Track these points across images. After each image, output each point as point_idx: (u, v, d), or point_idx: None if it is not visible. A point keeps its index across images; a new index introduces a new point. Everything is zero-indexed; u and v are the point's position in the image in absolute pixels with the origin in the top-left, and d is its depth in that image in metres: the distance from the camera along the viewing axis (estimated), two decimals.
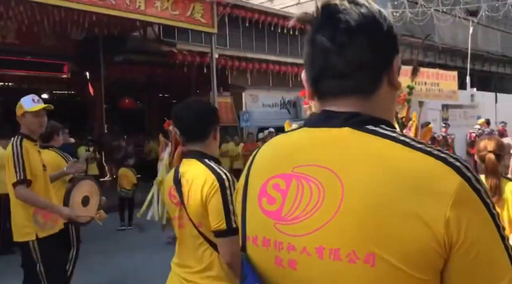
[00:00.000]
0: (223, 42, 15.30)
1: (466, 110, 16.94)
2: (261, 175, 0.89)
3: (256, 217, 0.86)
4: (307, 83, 0.92)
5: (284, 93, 16.77)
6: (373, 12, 0.86)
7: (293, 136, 0.92)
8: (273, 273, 0.81)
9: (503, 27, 26.29)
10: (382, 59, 0.88)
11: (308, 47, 0.91)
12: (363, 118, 0.84)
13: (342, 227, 0.74)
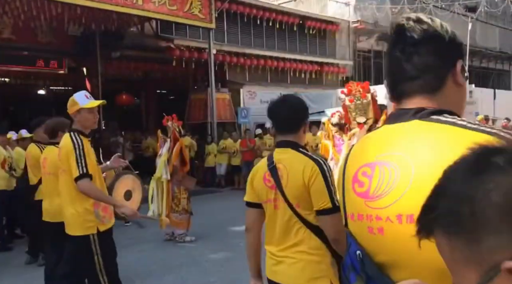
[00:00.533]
0: (221, 37, 15.22)
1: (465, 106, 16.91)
2: (353, 166, 1.12)
3: (351, 199, 1.10)
4: (387, 89, 1.14)
5: (283, 89, 16.66)
6: (434, 27, 1.08)
7: (376, 133, 1.16)
8: (368, 239, 1.04)
9: (501, 23, 26.27)
10: (445, 62, 1.07)
11: (386, 60, 1.14)
12: (428, 110, 1.03)
13: (414, 197, 0.92)
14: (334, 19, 18.62)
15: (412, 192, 0.94)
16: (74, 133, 3.41)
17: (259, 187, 2.27)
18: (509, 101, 20.03)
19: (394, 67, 1.10)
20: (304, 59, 17.48)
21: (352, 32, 19.24)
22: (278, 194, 2.17)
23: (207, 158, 12.14)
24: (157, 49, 13.94)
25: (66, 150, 3.34)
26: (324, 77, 18.42)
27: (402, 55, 1.07)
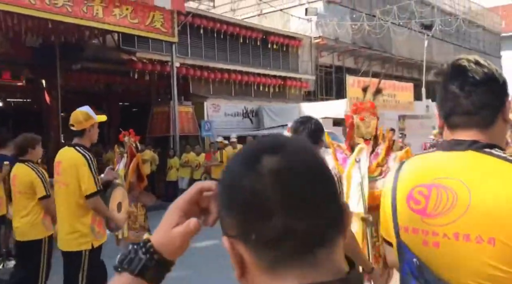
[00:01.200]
0: (185, 51, 15.24)
1: (422, 121, 17.51)
2: (406, 184, 1.25)
3: (406, 213, 1.23)
4: (440, 117, 1.29)
5: (247, 102, 16.83)
6: (492, 70, 1.23)
7: (430, 157, 1.30)
8: (421, 250, 1.18)
9: (456, 40, 27.48)
10: (498, 101, 1.23)
11: (441, 92, 1.27)
12: (482, 144, 1.18)
13: (471, 220, 1.10)
14: (296, 35, 18.99)
15: (469, 215, 1.11)
16: (81, 148, 3.39)
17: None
18: None
19: (451, 100, 1.23)
20: (268, 73, 17.70)
21: (314, 48, 19.66)
22: None
23: (169, 172, 12.02)
24: (119, 61, 13.80)
25: (75, 164, 3.31)
26: (287, 91, 18.69)
27: (460, 91, 1.21)
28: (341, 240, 0.67)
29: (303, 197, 0.62)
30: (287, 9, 19.93)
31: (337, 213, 0.66)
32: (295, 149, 0.66)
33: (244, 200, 0.63)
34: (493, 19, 32.70)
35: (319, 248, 0.63)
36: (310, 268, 0.62)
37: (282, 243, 0.61)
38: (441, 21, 22.19)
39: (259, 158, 0.63)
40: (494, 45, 33.15)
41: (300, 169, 0.63)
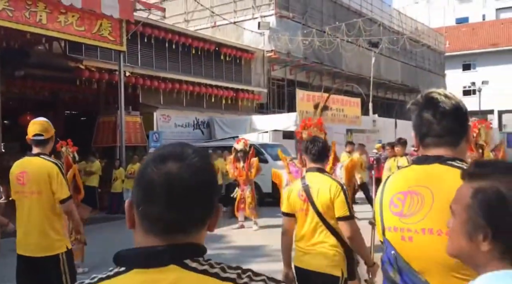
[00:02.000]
0: (135, 60, 15.05)
1: (368, 135, 18.08)
2: (389, 193, 1.58)
3: (389, 216, 1.55)
4: (416, 139, 1.59)
5: (198, 113, 16.79)
6: (458, 102, 1.54)
7: (406, 170, 1.62)
8: (400, 244, 1.50)
9: (403, 58, 28.69)
10: (463, 127, 1.55)
11: (416, 118, 1.58)
12: (445, 157, 1.50)
13: (433, 216, 1.41)
14: (249, 48, 19.21)
15: (432, 213, 1.43)
16: (46, 157, 3.52)
17: (294, 201, 3.08)
18: (408, 130, 21.70)
19: (425, 125, 1.54)
20: (220, 85, 17.76)
21: (267, 61, 19.95)
22: (309, 205, 2.98)
23: (114, 184, 11.75)
24: (65, 69, 13.44)
25: (48, 173, 3.42)
26: (240, 103, 18.81)
27: (433, 118, 1.52)
28: (200, 231, 0.96)
29: (170, 196, 0.90)
30: (240, 22, 20.15)
31: (199, 213, 0.94)
32: (191, 161, 0.93)
33: (144, 183, 0.93)
34: (437, 39, 34.41)
35: (175, 232, 0.92)
36: (166, 241, 0.91)
37: (144, 221, 0.93)
38: (387, 39, 23.11)
39: (164, 160, 0.92)
40: (439, 64, 34.85)
41: (183, 177, 0.91)
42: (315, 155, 3.14)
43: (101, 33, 10.79)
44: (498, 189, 0.94)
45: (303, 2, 21.20)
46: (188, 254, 0.92)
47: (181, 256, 0.91)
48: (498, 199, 0.93)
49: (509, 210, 0.91)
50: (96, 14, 10.40)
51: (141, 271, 0.89)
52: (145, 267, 0.89)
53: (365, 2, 25.68)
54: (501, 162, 1.02)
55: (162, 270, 0.89)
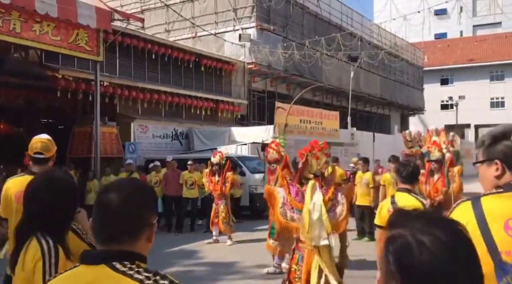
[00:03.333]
0: (113, 70, 14.90)
1: (346, 148, 18.20)
2: (497, 218, 1.60)
3: (505, 240, 1.57)
4: (503, 166, 1.69)
5: (177, 124, 16.67)
6: None
7: (505, 196, 1.65)
8: None
9: (382, 72, 29.11)
10: None
11: (507, 149, 1.70)
12: None
13: None
14: (230, 59, 19.23)
15: None
16: None
17: (384, 215, 3.39)
18: (386, 143, 22.00)
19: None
20: (200, 96, 17.70)
21: (247, 73, 19.99)
22: None
23: (88, 196, 11.52)
24: (41, 77, 13.23)
25: None
26: (220, 114, 18.76)
27: None
28: (134, 241, 1.31)
29: (105, 216, 1.33)
30: (221, 33, 20.18)
31: (129, 228, 1.31)
32: (123, 191, 1.35)
33: (94, 207, 1.37)
34: (416, 54, 35.06)
35: (110, 241, 1.30)
36: (106, 247, 1.31)
37: (93, 233, 1.36)
38: (365, 53, 23.43)
39: (107, 191, 1.37)
40: (417, 78, 35.46)
41: (114, 202, 1.32)
42: (405, 177, 3.63)
43: (77, 43, 10.64)
44: (406, 237, 0.94)
45: (284, 15, 21.38)
46: (116, 258, 1.28)
47: (110, 259, 1.28)
48: (404, 247, 0.93)
49: (415, 258, 0.91)
50: (73, 24, 10.26)
51: (84, 266, 1.31)
52: (86, 264, 1.31)
53: (345, 17, 26.04)
54: (416, 211, 1.03)
55: (95, 267, 1.29)
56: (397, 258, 0.94)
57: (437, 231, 0.93)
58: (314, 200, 4.45)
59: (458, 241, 0.94)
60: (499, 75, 42.10)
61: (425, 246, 0.92)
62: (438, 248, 0.91)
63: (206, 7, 20.83)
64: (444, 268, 0.91)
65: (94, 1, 10.81)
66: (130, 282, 1.24)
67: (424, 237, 0.93)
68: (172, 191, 11.09)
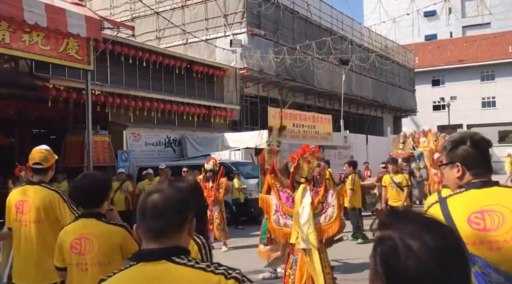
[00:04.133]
0: (104, 78, 14.86)
1: (340, 151, 18.23)
2: (462, 214, 1.80)
3: (469, 233, 1.75)
4: (463, 168, 1.92)
5: (169, 131, 16.62)
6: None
7: (468, 194, 1.85)
8: (487, 255, 1.71)
9: (373, 75, 29.25)
10: None
11: (463, 153, 1.94)
12: (498, 182, 1.86)
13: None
14: (221, 65, 19.24)
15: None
16: (48, 185, 3.53)
17: None
18: (379, 145, 22.08)
19: (473, 159, 1.95)
20: (192, 102, 17.68)
21: (239, 78, 20.01)
22: None
23: None
24: (32, 87, 13.16)
25: (49, 201, 3.42)
26: (212, 120, 18.75)
27: (482, 154, 1.95)
28: (180, 235, 1.50)
29: (154, 213, 1.49)
30: (212, 39, 20.21)
31: (175, 222, 1.50)
32: (165, 193, 1.55)
33: (139, 209, 1.53)
34: (407, 56, 35.28)
35: (161, 237, 1.47)
36: (158, 244, 1.47)
37: (142, 232, 1.49)
38: (356, 57, 23.55)
39: (150, 194, 1.55)
40: (409, 80, 35.66)
41: (160, 202, 1.51)
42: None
43: (67, 52, 10.58)
44: (394, 240, 0.94)
45: (274, 20, 21.45)
46: (173, 253, 1.46)
47: (168, 254, 1.45)
48: (391, 249, 0.93)
49: (401, 262, 0.91)
50: (62, 33, 10.21)
51: (145, 263, 1.45)
52: (147, 261, 1.45)
53: (335, 20, 26.17)
54: (407, 212, 1.02)
55: (157, 263, 1.44)
56: (383, 260, 0.94)
57: (426, 236, 0.93)
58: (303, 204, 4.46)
59: (447, 248, 0.93)
60: (490, 75, 42.46)
61: (412, 250, 0.91)
62: (426, 254, 0.91)
63: (196, 14, 20.86)
64: (429, 274, 0.90)
65: (83, 10, 10.78)
66: (194, 271, 1.43)
67: (413, 242, 0.92)
68: None
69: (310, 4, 24.02)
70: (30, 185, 3.56)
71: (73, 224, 2.82)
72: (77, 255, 2.66)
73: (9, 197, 3.60)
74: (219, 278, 1.42)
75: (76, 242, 2.69)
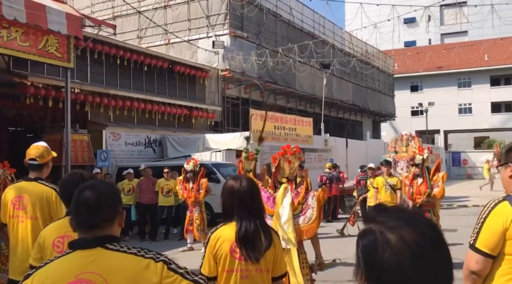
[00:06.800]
0: (84, 76, 14.66)
1: (320, 154, 18.38)
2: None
3: None
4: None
5: (150, 131, 16.48)
6: None
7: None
8: None
9: (354, 79, 29.59)
10: None
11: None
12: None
13: None
14: (203, 66, 19.19)
15: None
16: (44, 181, 3.53)
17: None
18: (358, 149, 22.35)
19: None
20: (173, 103, 17.58)
21: (221, 79, 19.99)
22: None
23: None
24: (9, 84, 12.87)
25: (46, 197, 3.44)
26: (194, 121, 18.67)
27: None
28: (111, 226, 1.66)
29: (87, 208, 1.65)
30: (194, 40, 20.14)
31: (106, 216, 1.65)
32: (98, 189, 1.70)
33: (74, 203, 1.72)
34: (386, 61, 35.81)
35: (94, 228, 1.63)
36: (92, 235, 1.63)
37: (76, 224, 1.69)
38: (337, 61, 23.81)
39: (83, 190, 1.70)
40: (388, 85, 36.19)
41: (93, 197, 1.67)
42: None
43: (47, 49, 10.41)
44: (374, 232, 0.96)
45: (257, 22, 21.51)
46: (106, 241, 1.62)
47: (102, 242, 1.61)
48: (371, 243, 0.95)
49: (378, 256, 0.93)
50: (42, 30, 10.05)
51: (81, 250, 1.60)
52: (82, 249, 1.61)
53: (317, 25, 26.40)
54: (393, 207, 1.03)
55: (92, 250, 1.60)
56: (363, 252, 0.96)
57: (405, 230, 0.93)
58: (283, 204, 4.51)
59: (424, 243, 0.92)
60: (467, 82, 43.41)
61: (389, 244, 0.92)
62: (401, 248, 0.91)
63: (179, 14, 20.77)
64: (404, 268, 0.90)
65: (64, 7, 10.64)
66: (127, 256, 1.60)
67: (391, 235, 0.93)
68: (146, 199, 10.96)
69: (293, 7, 24.18)
70: (27, 181, 3.57)
71: (57, 222, 2.77)
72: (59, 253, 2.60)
73: (4, 193, 3.62)
74: (149, 262, 1.59)
75: (59, 240, 2.62)
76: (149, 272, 1.58)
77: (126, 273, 1.57)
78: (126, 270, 1.58)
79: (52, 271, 1.60)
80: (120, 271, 1.57)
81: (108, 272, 1.56)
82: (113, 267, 1.57)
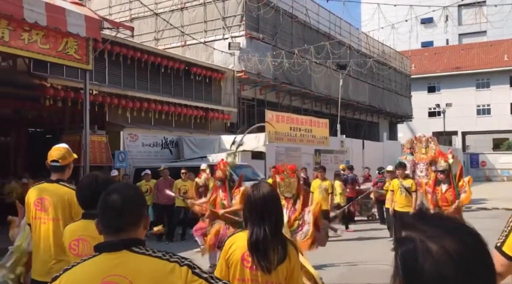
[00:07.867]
0: (102, 78, 14.84)
1: (336, 155, 18.27)
2: None
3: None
4: None
5: (166, 132, 16.60)
6: None
7: None
8: None
9: (370, 80, 29.38)
10: None
11: None
12: None
13: None
14: (219, 68, 19.26)
15: None
16: (66, 183, 3.56)
17: None
18: (375, 150, 22.15)
19: None
20: (190, 104, 17.68)
21: (237, 81, 20.03)
22: None
23: None
24: (29, 86, 13.11)
25: (67, 199, 3.44)
26: (209, 123, 18.75)
27: None
28: (136, 230, 1.69)
29: (114, 211, 1.67)
30: (211, 42, 20.23)
31: (131, 219, 1.68)
32: (123, 193, 1.72)
33: (101, 206, 1.73)
34: (403, 62, 35.46)
35: (120, 231, 1.66)
36: (118, 238, 1.65)
37: (103, 227, 1.70)
38: (354, 62, 23.67)
39: (110, 193, 1.72)
40: (405, 86, 35.84)
41: (119, 201, 1.68)
42: None
43: (66, 51, 10.57)
44: (414, 240, 0.94)
45: (273, 24, 21.51)
46: (132, 244, 1.64)
47: (128, 245, 1.64)
48: (411, 251, 0.93)
49: (418, 265, 0.91)
50: (62, 32, 10.20)
51: (107, 254, 1.63)
52: (108, 252, 1.63)
53: (333, 25, 26.29)
54: (433, 214, 1.01)
55: (118, 253, 1.62)
56: (402, 260, 0.94)
57: (447, 240, 0.91)
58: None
59: (466, 253, 0.90)
60: (485, 82, 42.74)
61: (430, 254, 0.90)
62: (443, 258, 0.89)
63: (195, 16, 20.89)
64: (445, 279, 0.89)
65: (83, 10, 10.79)
66: (152, 259, 1.62)
67: (432, 245, 0.91)
68: (163, 199, 11.03)
69: (309, 9, 24.12)
70: (49, 183, 3.60)
71: (73, 224, 2.80)
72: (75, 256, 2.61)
73: (28, 194, 3.64)
74: (174, 266, 1.62)
75: (74, 243, 2.67)
76: (174, 276, 1.61)
77: (152, 276, 1.60)
78: (152, 274, 1.60)
79: (79, 274, 1.64)
80: (145, 274, 1.60)
81: (134, 275, 1.59)
82: (139, 270, 1.60)
